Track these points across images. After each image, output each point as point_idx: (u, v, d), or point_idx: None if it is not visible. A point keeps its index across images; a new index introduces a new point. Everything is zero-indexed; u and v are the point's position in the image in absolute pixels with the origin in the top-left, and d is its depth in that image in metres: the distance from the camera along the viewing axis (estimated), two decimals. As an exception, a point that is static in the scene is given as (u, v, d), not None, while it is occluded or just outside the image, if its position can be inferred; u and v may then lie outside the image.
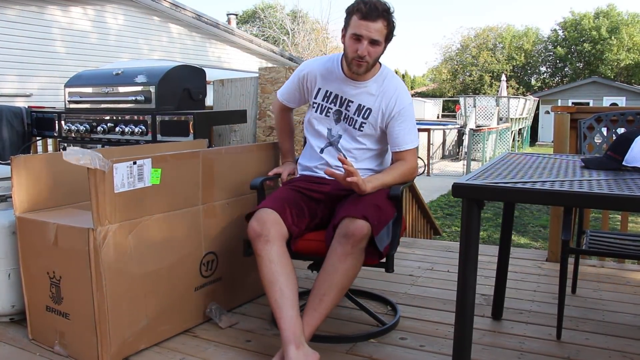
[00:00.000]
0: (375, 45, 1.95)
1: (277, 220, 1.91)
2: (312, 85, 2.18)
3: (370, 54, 1.96)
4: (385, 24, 1.94)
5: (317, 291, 1.83)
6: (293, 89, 2.26)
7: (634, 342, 2.05)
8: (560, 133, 2.97)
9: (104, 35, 9.89)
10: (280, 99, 2.32)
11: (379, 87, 2.09)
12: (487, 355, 1.95)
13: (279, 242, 1.88)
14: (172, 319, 2.07)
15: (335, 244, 1.84)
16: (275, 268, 1.83)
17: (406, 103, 2.09)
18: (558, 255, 2.98)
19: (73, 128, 3.53)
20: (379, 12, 1.91)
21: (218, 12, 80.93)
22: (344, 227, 1.83)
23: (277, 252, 1.86)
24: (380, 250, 1.89)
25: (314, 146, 2.21)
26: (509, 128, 18.57)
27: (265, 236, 1.86)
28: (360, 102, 2.10)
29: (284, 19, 27.11)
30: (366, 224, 1.82)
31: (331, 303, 1.82)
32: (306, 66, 2.22)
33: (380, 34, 1.94)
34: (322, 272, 1.84)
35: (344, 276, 1.82)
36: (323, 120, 2.16)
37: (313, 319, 1.81)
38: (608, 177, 1.58)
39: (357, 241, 1.81)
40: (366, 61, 1.98)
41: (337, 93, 2.12)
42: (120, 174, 1.79)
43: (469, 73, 32.49)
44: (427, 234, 5.83)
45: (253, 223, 1.90)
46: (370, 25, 1.91)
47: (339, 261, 1.81)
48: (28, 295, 2.05)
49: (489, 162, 1.92)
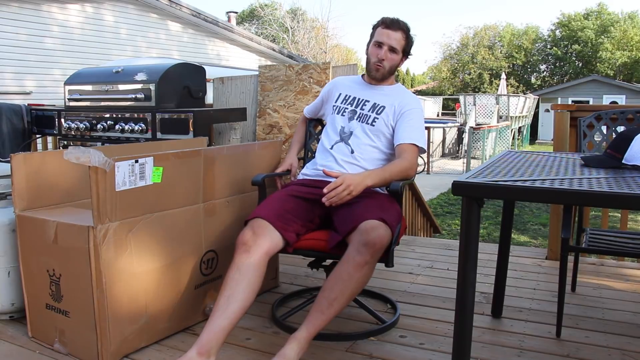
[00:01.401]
0: (393, 53, 2.21)
1: (268, 232, 1.90)
2: (334, 94, 2.39)
3: (387, 60, 2.21)
4: (404, 36, 2.21)
5: (328, 295, 1.78)
6: (318, 101, 2.51)
7: (634, 340, 2.05)
8: (560, 131, 2.97)
9: (102, 33, 9.85)
10: (305, 112, 2.60)
11: (393, 90, 2.30)
12: (486, 353, 1.95)
13: (257, 255, 1.85)
14: (172, 317, 2.07)
15: (354, 252, 1.79)
16: (236, 277, 1.81)
17: (417, 106, 2.26)
18: (558, 254, 2.98)
19: (73, 126, 3.53)
20: (400, 25, 2.21)
21: (216, 11, 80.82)
22: (365, 235, 1.79)
23: (249, 264, 1.83)
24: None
25: (325, 144, 2.30)
26: (509, 126, 18.56)
27: (249, 247, 1.85)
28: (375, 101, 2.26)
29: (284, 16, 27.08)
30: (389, 233, 1.83)
31: (340, 308, 1.80)
32: (333, 81, 2.48)
33: (398, 43, 2.20)
34: (336, 278, 1.79)
35: (358, 284, 1.80)
36: (338, 119, 2.29)
37: (319, 321, 1.77)
38: (608, 175, 1.58)
39: (377, 251, 1.80)
40: (383, 66, 2.22)
41: (354, 95, 2.32)
42: (121, 173, 1.79)
43: (468, 71, 32.47)
44: (426, 232, 5.83)
45: (245, 231, 1.90)
46: (391, 33, 2.19)
47: (355, 270, 1.78)
48: (28, 293, 2.05)
49: (489, 160, 1.92)
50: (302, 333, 1.76)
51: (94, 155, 1.69)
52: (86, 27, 9.65)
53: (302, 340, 1.74)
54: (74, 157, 1.69)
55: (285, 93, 3.72)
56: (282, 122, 3.73)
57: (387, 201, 2.04)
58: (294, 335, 1.76)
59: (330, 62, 3.68)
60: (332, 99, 2.37)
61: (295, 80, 3.69)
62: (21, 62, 8.67)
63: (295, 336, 1.75)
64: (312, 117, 2.58)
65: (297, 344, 1.74)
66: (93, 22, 9.77)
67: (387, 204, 2.01)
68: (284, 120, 3.72)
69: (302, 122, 2.61)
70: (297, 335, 1.75)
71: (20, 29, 8.64)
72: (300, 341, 1.74)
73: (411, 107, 2.22)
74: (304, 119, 2.61)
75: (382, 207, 1.94)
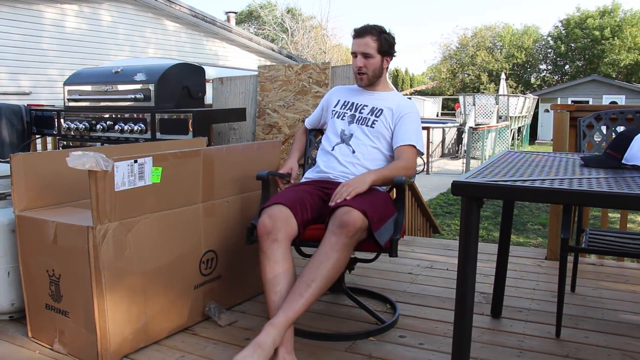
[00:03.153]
0: (368, 58, 2.24)
1: (288, 218, 1.93)
2: (332, 101, 2.43)
3: (366, 65, 2.25)
4: (374, 38, 2.22)
5: (306, 277, 1.79)
6: (318, 111, 2.54)
7: (633, 340, 2.05)
8: (560, 131, 2.97)
9: (99, 32, 9.83)
10: (306, 123, 2.62)
11: (389, 95, 2.34)
12: (486, 354, 1.95)
13: (285, 242, 1.89)
14: (172, 317, 2.07)
15: (329, 234, 1.84)
16: (278, 270, 1.84)
17: (414, 110, 2.30)
18: (557, 254, 2.98)
19: (72, 126, 3.53)
20: (367, 30, 2.23)
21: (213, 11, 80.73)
22: (339, 217, 1.84)
23: (282, 253, 1.87)
24: (381, 245, 1.90)
25: (325, 147, 2.33)
26: (509, 126, 18.56)
27: (275, 235, 1.87)
28: (373, 105, 2.31)
29: (283, 17, 27.07)
30: (361, 216, 1.83)
31: (318, 291, 1.78)
32: (332, 90, 2.52)
33: (369, 47, 2.22)
34: (313, 260, 1.82)
35: (334, 266, 1.80)
36: (338, 122, 2.33)
37: (297, 305, 1.75)
38: (607, 175, 1.59)
39: (350, 231, 1.81)
40: (364, 72, 2.26)
41: (353, 101, 2.36)
42: (121, 173, 1.79)
43: (467, 72, 32.48)
44: (426, 233, 5.83)
45: (265, 219, 1.91)
46: (359, 41, 2.23)
47: (332, 250, 1.81)
48: (27, 293, 2.05)
49: (489, 160, 1.92)
50: (280, 318, 1.72)
51: (97, 159, 1.69)
52: (83, 26, 9.63)
53: (279, 326, 1.70)
54: (80, 163, 1.68)
55: (284, 93, 3.72)
56: (282, 122, 3.73)
57: (378, 196, 2.04)
58: (271, 322, 1.72)
59: (329, 62, 3.68)
60: (332, 105, 2.41)
61: (295, 80, 3.69)
62: (17, 62, 8.66)
63: (272, 322, 1.71)
64: (314, 128, 2.59)
65: (275, 329, 1.69)
66: (90, 21, 9.76)
67: (376, 198, 2.00)
68: (284, 121, 3.72)
69: (302, 132, 2.61)
70: (274, 322, 1.71)
71: (15, 29, 8.62)
72: (278, 327, 1.70)
73: (408, 111, 2.27)
74: (305, 129, 2.61)
75: (365, 199, 1.94)
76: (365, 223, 1.85)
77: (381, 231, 1.91)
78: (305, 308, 1.76)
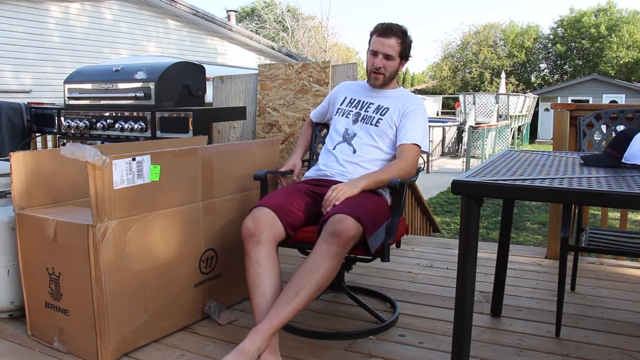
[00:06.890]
0: (389, 60, 2.21)
1: (272, 220, 1.90)
2: (339, 98, 2.41)
3: (385, 67, 2.22)
4: (399, 41, 2.20)
5: (295, 285, 1.75)
6: (324, 105, 2.52)
7: (633, 339, 2.05)
8: (560, 130, 2.97)
9: (100, 31, 9.84)
10: (312, 115, 2.59)
11: (396, 93, 2.31)
12: (486, 352, 1.95)
13: (269, 244, 1.87)
14: (172, 316, 2.07)
15: (321, 241, 1.79)
16: (261, 271, 1.82)
17: (421, 108, 2.27)
18: (557, 253, 2.98)
19: (73, 124, 3.53)
20: (393, 31, 2.19)
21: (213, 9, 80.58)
22: (332, 226, 1.79)
23: (265, 254, 1.85)
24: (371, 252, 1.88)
25: (328, 146, 2.31)
26: (509, 125, 18.57)
27: (257, 237, 1.86)
28: (379, 103, 2.29)
29: (283, 15, 27.05)
30: (354, 224, 1.79)
31: (306, 300, 1.75)
32: (339, 85, 2.50)
33: (393, 49, 2.20)
34: (303, 267, 1.78)
35: (324, 275, 1.76)
36: (342, 121, 2.32)
37: (284, 312, 1.72)
38: (607, 174, 1.59)
39: (342, 241, 1.77)
40: (382, 73, 2.23)
41: (359, 99, 2.34)
42: (119, 170, 1.79)
43: (469, 70, 32.44)
44: (426, 231, 5.83)
45: (247, 221, 1.90)
46: (384, 41, 2.19)
47: (322, 259, 1.76)
48: (27, 291, 2.05)
49: (489, 159, 1.92)
50: (265, 325, 1.70)
51: (88, 151, 1.69)
52: (84, 24, 9.63)
53: (264, 333, 1.69)
54: (70, 152, 1.70)
55: (285, 92, 3.72)
56: (282, 120, 3.73)
57: (372, 200, 2.01)
58: (257, 328, 1.70)
59: (330, 61, 3.68)
60: (338, 102, 2.40)
61: (295, 79, 3.68)
62: (19, 59, 8.66)
63: (258, 329, 1.70)
64: (319, 122, 2.57)
65: (259, 336, 1.68)
66: (91, 19, 9.76)
67: (369, 202, 1.96)
68: (284, 119, 3.72)
69: (308, 125, 2.60)
70: (260, 329, 1.70)
71: (17, 27, 8.62)
72: (263, 334, 1.68)
73: (415, 108, 2.23)
74: (310, 122, 2.60)
75: (360, 204, 1.90)
76: (360, 231, 1.81)
77: (374, 237, 1.88)
78: (292, 316, 1.74)
